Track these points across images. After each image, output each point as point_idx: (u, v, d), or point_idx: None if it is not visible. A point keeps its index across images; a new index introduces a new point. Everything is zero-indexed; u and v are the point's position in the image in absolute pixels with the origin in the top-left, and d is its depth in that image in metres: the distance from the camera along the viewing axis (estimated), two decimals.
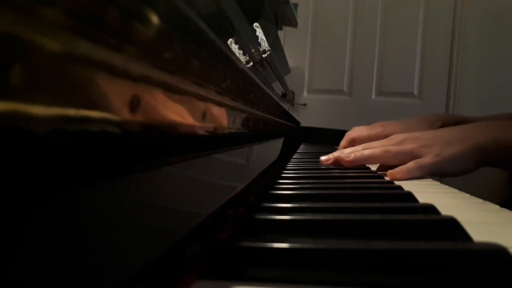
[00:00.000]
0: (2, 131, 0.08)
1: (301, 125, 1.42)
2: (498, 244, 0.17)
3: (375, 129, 0.77)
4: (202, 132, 0.25)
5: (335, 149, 0.77)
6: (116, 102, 0.13)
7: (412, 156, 0.55)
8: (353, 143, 0.76)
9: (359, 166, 0.61)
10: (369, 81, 1.80)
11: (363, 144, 0.62)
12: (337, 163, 0.61)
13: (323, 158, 0.64)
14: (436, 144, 0.55)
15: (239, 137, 0.38)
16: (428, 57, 1.76)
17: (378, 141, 0.62)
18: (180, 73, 0.18)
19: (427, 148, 0.55)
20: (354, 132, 0.79)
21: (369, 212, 0.27)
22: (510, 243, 0.18)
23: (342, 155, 0.59)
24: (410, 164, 0.52)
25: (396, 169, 0.52)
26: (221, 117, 0.29)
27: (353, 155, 0.58)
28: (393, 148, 0.57)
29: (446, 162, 0.53)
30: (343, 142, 0.79)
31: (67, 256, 0.10)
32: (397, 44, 1.77)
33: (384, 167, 0.60)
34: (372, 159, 0.57)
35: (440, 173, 0.54)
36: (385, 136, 0.67)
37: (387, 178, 0.51)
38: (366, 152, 0.58)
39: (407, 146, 0.56)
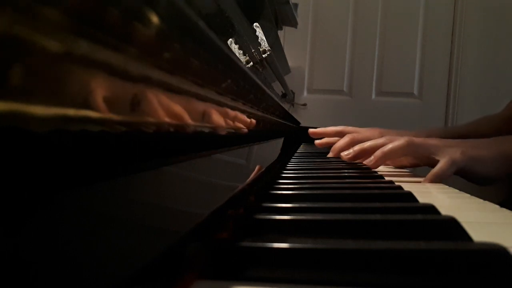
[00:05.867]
0: (2, 131, 0.08)
1: (301, 125, 1.42)
2: (498, 244, 0.17)
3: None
4: (202, 132, 0.25)
5: None
6: (115, 102, 0.13)
7: (436, 149, 0.55)
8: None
9: (360, 166, 0.61)
10: (369, 81, 1.80)
11: (384, 140, 0.60)
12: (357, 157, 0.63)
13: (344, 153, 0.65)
14: (461, 146, 0.55)
15: (239, 137, 0.38)
16: (428, 57, 1.76)
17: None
18: (179, 73, 0.18)
19: (452, 148, 0.55)
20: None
21: (369, 212, 0.27)
22: (510, 243, 0.18)
23: (366, 162, 0.59)
24: (440, 168, 0.52)
25: (429, 175, 0.52)
26: (221, 117, 0.29)
27: (372, 157, 0.58)
28: (417, 139, 0.56)
29: (474, 160, 0.53)
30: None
31: (67, 256, 0.10)
32: (397, 44, 1.77)
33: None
34: (394, 152, 0.56)
35: (469, 170, 0.54)
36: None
37: (387, 178, 0.51)
38: (388, 146, 0.56)
39: (432, 141, 0.56)
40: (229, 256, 0.18)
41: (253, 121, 0.43)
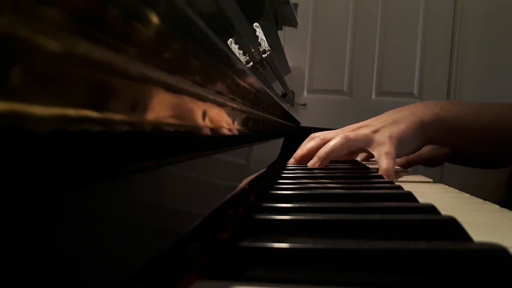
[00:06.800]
0: (2, 131, 0.08)
1: (301, 125, 1.42)
2: (498, 244, 0.17)
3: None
4: (202, 132, 0.25)
5: None
6: (115, 102, 0.13)
7: (367, 141, 0.57)
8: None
9: (360, 166, 0.61)
10: (369, 81, 1.80)
11: (319, 140, 0.61)
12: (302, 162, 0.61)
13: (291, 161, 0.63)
14: (386, 125, 0.57)
15: (239, 137, 0.38)
16: (428, 57, 1.76)
17: (333, 132, 0.62)
18: (179, 73, 0.18)
19: (378, 133, 0.57)
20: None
21: (369, 212, 0.27)
22: (510, 243, 0.18)
23: (309, 164, 0.58)
24: (386, 163, 0.52)
25: (382, 173, 0.52)
26: (221, 117, 0.29)
27: (317, 159, 0.57)
28: (351, 134, 0.57)
29: (401, 142, 0.57)
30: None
31: (67, 256, 0.10)
32: (397, 44, 1.77)
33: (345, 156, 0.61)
34: (335, 150, 0.57)
35: (399, 153, 0.57)
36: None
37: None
38: (329, 145, 0.57)
39: (362, 131, 0.57)
40: (229, 256, 0.18)
41: (253, 121, 0.43)
